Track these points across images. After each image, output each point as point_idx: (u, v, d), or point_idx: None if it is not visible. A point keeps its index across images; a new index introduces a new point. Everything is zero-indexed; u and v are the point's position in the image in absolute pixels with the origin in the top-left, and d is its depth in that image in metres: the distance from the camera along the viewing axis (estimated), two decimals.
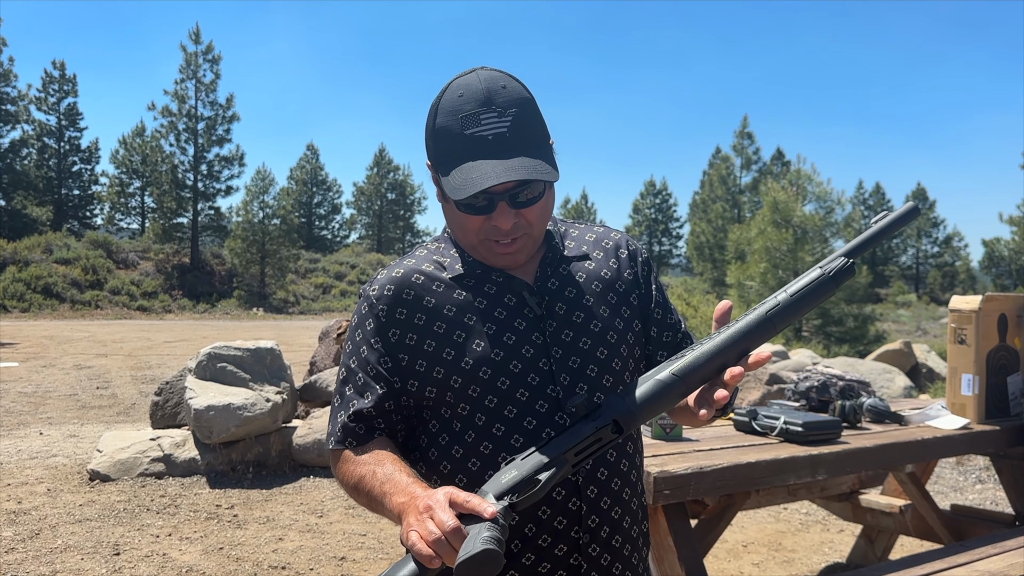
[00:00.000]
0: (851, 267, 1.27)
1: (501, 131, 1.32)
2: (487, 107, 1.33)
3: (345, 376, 1.47)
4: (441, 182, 1.38)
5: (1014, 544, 3.15)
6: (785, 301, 1.24)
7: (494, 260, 1.43)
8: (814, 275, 1.26)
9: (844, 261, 1.26)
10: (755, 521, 5.44)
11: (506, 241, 1.39)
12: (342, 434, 1.43)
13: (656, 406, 1.22)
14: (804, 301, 1.24)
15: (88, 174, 45.60)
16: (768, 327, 1.23)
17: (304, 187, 54.54)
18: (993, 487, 6.45)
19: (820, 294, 1.25)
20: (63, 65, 43.75)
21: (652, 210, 58.72)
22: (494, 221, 1.36)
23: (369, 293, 1.46)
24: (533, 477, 1.20)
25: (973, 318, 3.53)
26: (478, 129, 1.32)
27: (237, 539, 4.93)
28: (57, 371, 12.84)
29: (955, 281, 54.03)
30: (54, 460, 6.79)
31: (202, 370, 6.81)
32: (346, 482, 1.41)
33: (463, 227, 1.40)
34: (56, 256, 33.65)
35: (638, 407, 1.21)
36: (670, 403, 1.22)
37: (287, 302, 37.80)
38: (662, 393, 1.21)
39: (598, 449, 1.22)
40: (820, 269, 1.27)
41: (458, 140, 1.33)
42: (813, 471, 2.87)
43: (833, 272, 1.25)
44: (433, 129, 1.38)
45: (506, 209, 1.35)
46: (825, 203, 21.19)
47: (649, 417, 1.23)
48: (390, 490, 1.29)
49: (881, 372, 10.52)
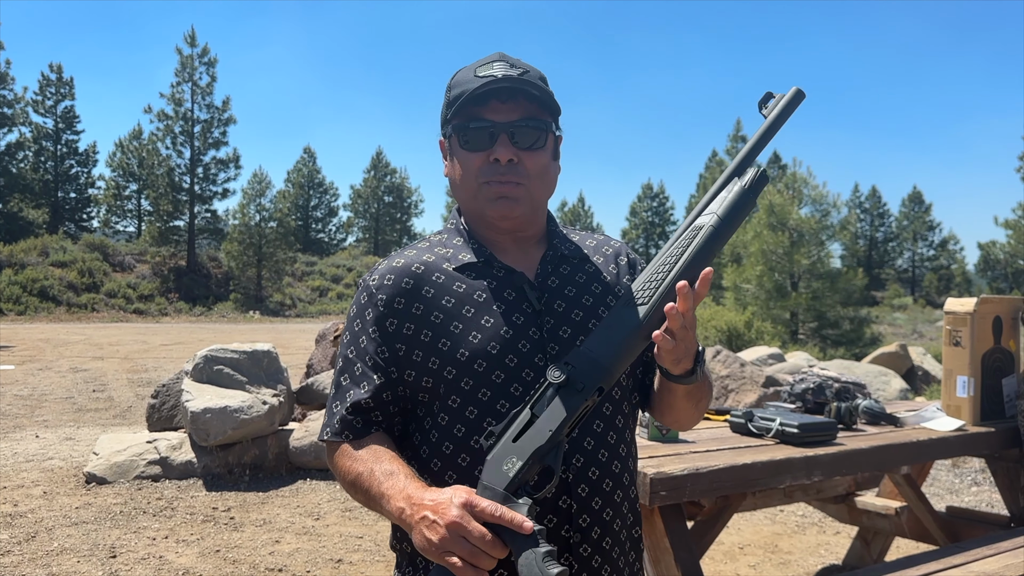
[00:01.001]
0: (765, 174, 1.28)
1: (509, 73, 1.41)
2: (502, 60, 1.45)
3: (343, 366, 1.46)
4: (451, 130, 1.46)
5: (1009, 545, 3.16)
6: (717, 223, 1.26)
7: (492, 207, 1.43)
8: (736, 190, 1.27)
9: (757, 170, 1.28)
10: (751, 523, 5.44)
11: (504, 181, 1.42)
12: (340, 426, 1.42)
13: (626, 358, 1.25)
14: (732, 219, 1.27)
15: (85, 177, 45.58)
16: (708, 252, 1.25)
17: (301, 190, 54.52)
18: (989, 489, 6.46)
19: (745, 208, 1.27)
20: (60, 68, 43.77)
21: (649, 213, 58.78)
22: (494, 154, 1.40)
23: (369, 283, 1.47)
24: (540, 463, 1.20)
25: (968, 320, 3.54)
26: (489, 70, 1.42)
27: (234, 541, 4.93)
28: (53, 374, 12.81)
29: (951, 284, 54.13)
30: (50, 463, 6.78)
31: (199, 373, 6.80)
32: (343, 477, 1.41)
33: (465, 170, 1.45)
34: (52, 259, 33.60)
35: (613, 365, 1.24)
36: (638, 350, 1.26)
37: (284, 305, 37.76)
38: (629, 343, 1.25)
39: (585, 417, 1.26)
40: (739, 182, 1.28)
41: (469, 82, 1.42)
42: (809, 472, 2.88)
43: (750, 184, 1.27)
44: (448, 91, 1.47)
45: (506, 142, 1.41)
46: (821, 206, 21.25)
47: (622, 370, 1.26)
48: (388, 491, 1.29)
49: (877, 375, 10.54)
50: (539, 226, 1.53)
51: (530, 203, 1.45)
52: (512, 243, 1.50)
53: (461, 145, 1.43)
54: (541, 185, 1.46)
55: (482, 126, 1.41)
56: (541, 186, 1.46)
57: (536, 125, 1.42)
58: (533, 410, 1.24)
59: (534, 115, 1.42)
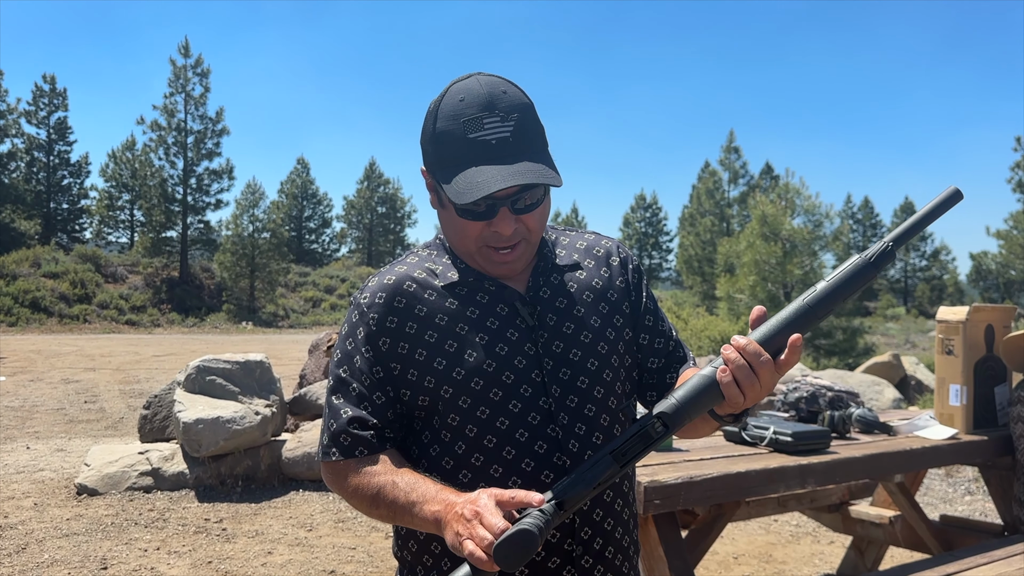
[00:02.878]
0: (891, 252, 1.25)
1: (504, 135, 1.31)
2: (489, 111, 1.32)
3: (336, 384, 1.43)
4: (440, 188, 1.35)
5: (1003, 554, 3.17)
6: (824, 289, 1.24)
7: (492, 269, 1.41)
8: (854, 261, 1.26)
9: (884, 245, 1.25)
10: (745, 533, 5.44)
11: (505, 249, 1.38)
12: (349, 444, 1.38)
13: (699, 401, 1.22)
14: (843, 287, 1.24)
15: (77, 188, 45.45)
16: (809, 315, 1.23)
17: (294, 201, 54.47)
18: (982, 498, 6.47)
19: (860, 279, 1.24)
20: (53, 79, 43.67)
21: (642, 224, 58.87)
22: (495, 227, 1.35)
23: (360, 301, 1.44)
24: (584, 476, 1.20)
25: (960, 329, 3.55)
26: (481, 133, 1.31)
27: (226, 553, 4.90)
28: (45, 385, 12.75)
29: (943, 294, 54.33)
30: (41, 474, 6.73)
31: (191, 383, 6.78)
32: (361, 495, 1.37)
33: (462, 233, 1.39)
34: (44, 270, 33.48)
35: (682, 403, 1.21)
36: (713, 399, 1.22)
37: (277, 316, 37.67)
38: (705, 388, 1.22)
39: (646, 447, 1.21)
40: (860, 255, 1.26)
41: (460, 144, 1.32)
42: (803, 481, 2.88)
43: (874, 257, 1.24)
44: (433, 133, 1.36)
45: (507, 215, 1.34)
46: (813, 216, 21.31)
47: (695, 413, 1.22)
48: (419, 499, 1.28)
49: (870, 384, 10.55)
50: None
51: (530, 252, 1.43)
52: None
53: (457, 212, 1.36)
54: (540, 229, 1.42)
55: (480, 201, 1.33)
56: (540, 229, 1.42)
57: (535, 188, 1.35)
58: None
59: (538, 175, 1.31)
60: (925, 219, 1.28)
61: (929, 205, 1.28)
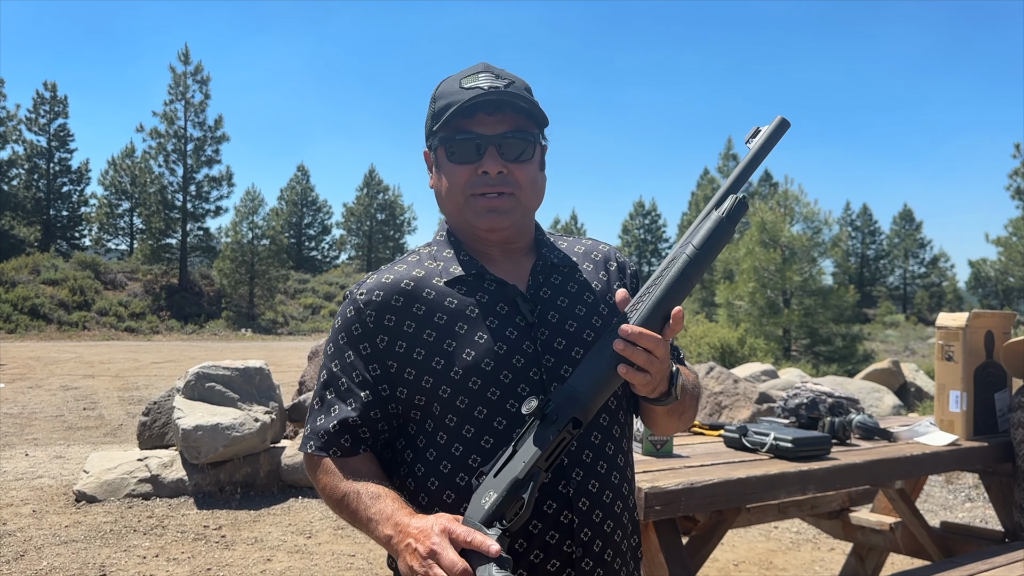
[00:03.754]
0: (743, 202, 1.28)
1: (496, 85, 1.40)
2: (487, 70, 1.43)
3: (327, 379, 1.45)
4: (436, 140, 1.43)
5: (1003, 560, 3.16)
6: (694, 254, 1.26)
7: (481, 220, 1.43)
8: (713, 218, 1.28)
9: (734, 199, 1.28)
10: (746, 540, 5.43)
11: (493, 194, 1.41)
12: (325, 441, 1.41)
13: (604, 390, 1.25)
14: (710, 247, 1.27)
15: (77, 195, 45.44)
16: (684, 283, 1.25)
17: (294, 208, 54.51)
18: (982, 505, 6.46)
19: (722, 236, 1.27)
20: (54, 86, 43.72)
21: (642, 231, 58.92)
22: (483, 167, 1.39)
23: (357, 296, 1.45)
24: (515, 496, 1.21)
25: (960, 335, 3.55)
26: (476, 82, 1.40)
27: (225, 560, 4.89)
28: (43, 392, 12.73)
29: (942, 301, 54.32)
30: (40, 481, 6.72)
31: (190, 390, 6.77)
32: (328, 495, 1.41)
33: (452, 184, 1.43)
34: (44, 277, 33.44)
35: (588, 397, 1.24)
36: (613, 383, 1.25)
37: (276, 323, 37.63)
38: (606, 377, 1.24)
39: (564, 448, 1.25)
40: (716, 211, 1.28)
41: (455, 92, 1.41)
42: (803, 487, 2.87)
43: (727, 212, 1.27)
44: (433, 97, 1.45)
45: (494, 154, 1.39)
46: (812, 223, 21.35)
47: (600, 402, 1.25)
48: (375, 516, 1.31)
49: (870, 391, 10.55)
50: (528, 236, 1.52)
51: (521, 214, 1.45)
52: (501, 254, 1.49)
53: (448, 158, 1.42)
54: (531, 195, 1.46)
55: (469, 138, 1.39)
56: (531, 196, 1.46)
57: (524, 137, 1.41)
58: (515, 446, 1.25)
59: (522, 127, 1.41)
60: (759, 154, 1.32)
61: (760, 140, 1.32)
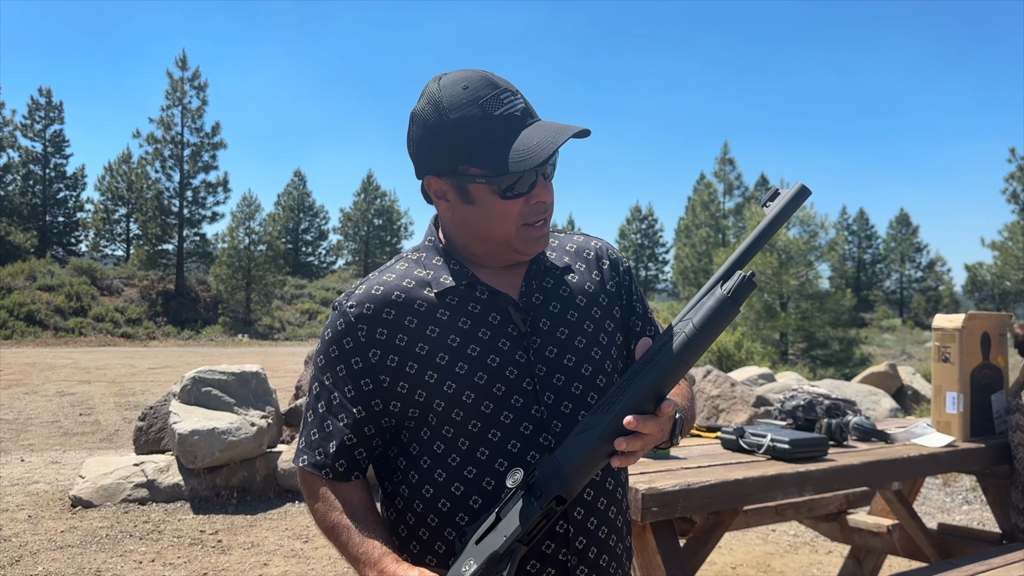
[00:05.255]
0: (750, 281, 1.17)
1: (522, 105, 1.35)
2: (499, 88, 1.34)
3: (318, 392, 1.42)
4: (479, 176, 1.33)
5: (1001, 562, 3.16)
6: (693, 334, 1.16)
7: (528, 248, 1.39)
8: (716, 297, 1.17)
9: (741, 277, 1.17)
10: (743, 543, 5.42)
11: (539, 222, 1.38)
12: (320, 461, 1.41)
13: (588, 471, 1.21)
14: (711, 329, 1.16)
15: (73, 201, 45.39)
16: (681, 365, 1.17)
17: (291, 213, 54.49)
18: (980, 508, 6.46)
19: (725, 317, 1.17)
20: (50, 92, 43.68)
21: (638, 235, 58.97)
22: (537, 198, 1.35)
23: (347, 309, 1.40)
24: (494, 570, 1.21)
25: (956, 336, 3.56)
26: (504, 109, 1.33)
27: (221, 565, 4.87)
28: (39, 398, 12.69)
29: (939, 306, 54.38)
30: (36, 487, 6.70)
31: (186, 394, 6.75)
32: (319, 520, 1.42)
33: (503, 218, 1.36)
34: (40, 283, 33.37)
35: (574, 475, 1.20)
36: (600, 464, 1.22)
37: (273, 328, 37.58)
38: (592, 458, 1.20)
39: (546, 525, 1.23)
40: (720, 289, 1.18)
41: (490, 124, 1.31)
42: (800, 488, 2.87)
43: (732, 292, 1.16)
44: (454, 126, 1.32)
45: (544, 182, 1.36)
46: (809, 227, 21.39)
47: (586, 480, 1.22)
48: (363, 557, 1.33)
49: (867, 394, 10.56)
50: None
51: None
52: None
53: (501, 194, 1.34)
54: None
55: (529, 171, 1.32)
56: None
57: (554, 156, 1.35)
58: (499, 514, 1.23)
59: (571, 127, 1.34)
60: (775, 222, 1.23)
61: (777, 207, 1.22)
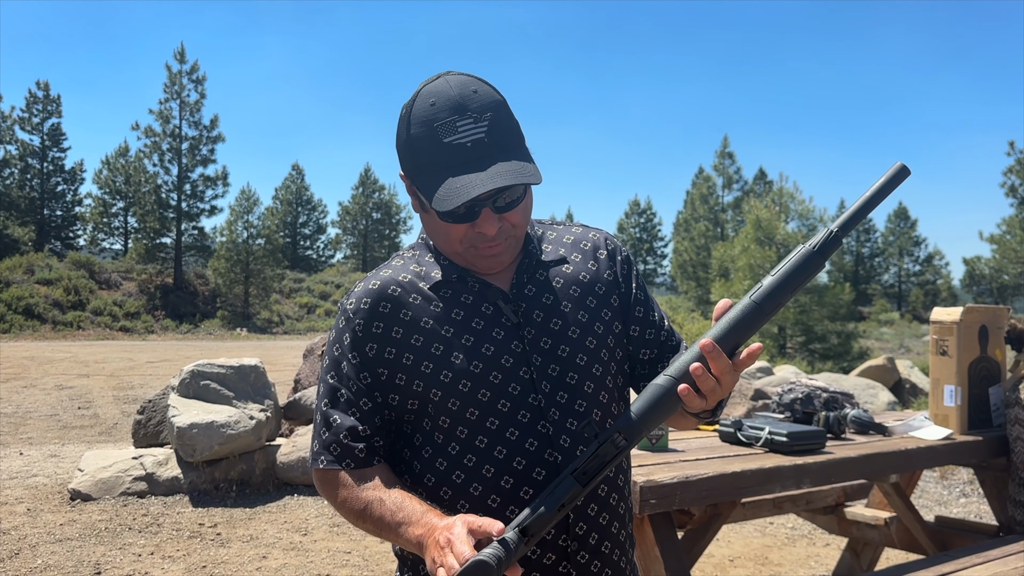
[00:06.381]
0: (836, 238, 1.19)
1: (479, 137, 1.30)
2: (461, 114, 1.30)
3: (325, 391, 1.44)
4: (419, 193, 1.36)
5: (998, 554, 3.17)
6: (770, 283, 1.19)
7: (480, 264, 1.41)
8: (799, 251, 1.20)
9: (828, 232, 1.19)
10: (741, 536, 5.44)
11: (492, 246, 1.38)
12: (338, 454, 1.40)
13: (656, 412, 1.20)
14: (790, 280, 1.18)
15: (71, 195, 45.27)
16: (757, 312, 1.18)
17: (289, 207, 54.43)
18: (977, 500, 6.48)
19: (806, 270, 1.18)
20: (47, 85, 43.55)
21: (637, 229, 58.95)
22: (479, 228, 1.35)
23: (346, 307, 1.44)
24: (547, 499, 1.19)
25: (954, 329, 3.56)
26: (455, 137, 1.30)
27: (220, 558, 4.88)
28: (38, 392, 12.70)
29: (937, 299, 54.38)
30: (34, 480, 6.70)
31: (185, 388, 6.75)
32: (349, 507, 1.38)
33: (447, 236, 1.39)
34: (38, 277, 33.35)
35: (639, 416, 1.20)
36: (670, 408, 1.21)
37: (271, 322, 37.57)
38: (661, 399, 1.20)
39: (607, 462, 1.20)
40: (805, 245, 1.20)
41: (436, 149, 1.31)
42: (798, 480, 2.88)
43: (818, 246, 1.19)
44: (408, 139, 1.35)
45: (490, 215, 1.34)
46: (808, 220, 21.39)
47: (653, 425, 1.21)
48: (404, 519, 1.30)
49: (865, 387, 10.58)
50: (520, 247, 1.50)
51: (516, 245, 1.43)
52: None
53: (440, 216, 1.35)
54: (525, 222, 1.41)
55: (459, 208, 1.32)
56: (525, 223, 1.41)
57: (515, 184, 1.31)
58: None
59: (516, 175, 1.30)
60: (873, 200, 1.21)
61: (876, 185, 1.21)
